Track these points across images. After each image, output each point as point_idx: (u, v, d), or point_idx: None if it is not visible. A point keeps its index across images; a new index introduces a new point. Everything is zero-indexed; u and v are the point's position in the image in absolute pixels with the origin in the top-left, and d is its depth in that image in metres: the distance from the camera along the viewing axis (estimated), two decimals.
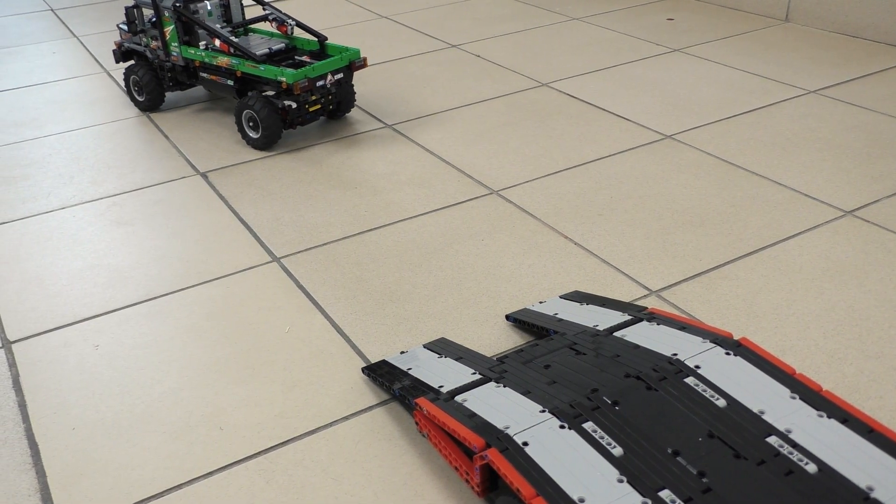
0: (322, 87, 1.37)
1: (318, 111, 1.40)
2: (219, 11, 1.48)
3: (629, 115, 1.48)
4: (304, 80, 1.32)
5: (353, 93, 1.47)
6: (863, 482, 0.59)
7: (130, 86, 1.60)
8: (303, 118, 1.38)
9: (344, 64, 1.40)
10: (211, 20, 1.46)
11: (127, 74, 1.58)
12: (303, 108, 1.37)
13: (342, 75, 1.40)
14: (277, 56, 1.43)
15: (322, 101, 1.39)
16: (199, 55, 1.43)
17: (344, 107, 1.48)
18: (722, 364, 0.72)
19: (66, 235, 1.18)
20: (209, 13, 1.46)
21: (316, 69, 1.34)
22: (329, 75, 1.37)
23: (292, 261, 1.09)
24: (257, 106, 1.35)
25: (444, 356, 0.85)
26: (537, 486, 0.60)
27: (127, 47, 1.58)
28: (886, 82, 1.55)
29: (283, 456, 0.78)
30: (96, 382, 0.89)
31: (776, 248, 1.05)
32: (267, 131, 1.37)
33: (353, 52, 1.40)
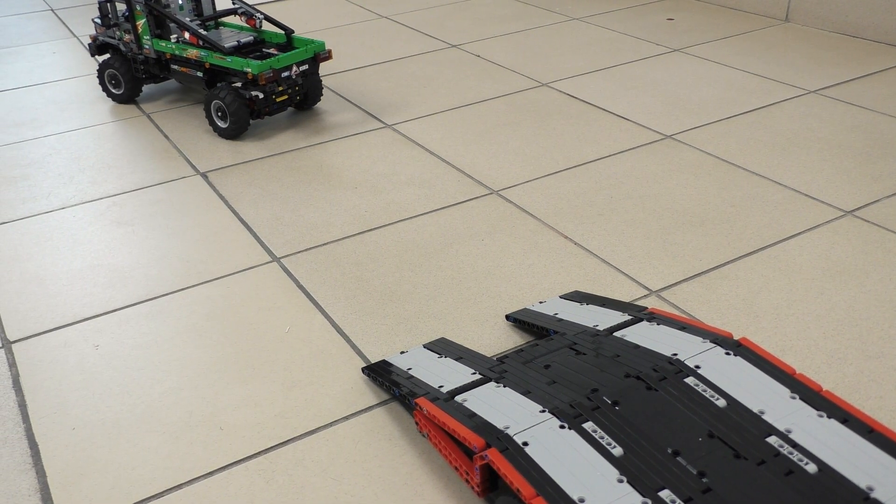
0: (287, 79, 1.41)
1: (286, 101, 1.44)
2: (190, 6, 1.52)
3: (629, 115, 1.48)
4: (269, 71, 1.36)
5: (320, 84, 1.51)
6: (863, 482, 0.59)
7: (105, 79, 1.63)
8: (270, 108, 1.42)
9: (309, 56, 1.44)
10: (182, 14, 1.51)
11: (102, 68, 1.61)
12: (270, 99, 1.40)
13: (307, 67, 1.44)
14: (245, 48, 1.47)
15: (289, 91, 1.43)
16: (170, 48, 1.48)
17: (312, 98, 1.52)
18: (722, 364, 0.72)
19: (66, 235, 1.18)
20: (180, 7, 1.51)
21: (281, 60, 1.38)
22: (294, 66, 1.41)
23: (292, 261, 1.09)
24: (225, 97, 1.39)
25: (444, 356, 0.85)
26: (537, 486, 0.60)
27: (102, 41, 1.61)
28: (886, 82, 1.55)
29: (283, 456, 0.78)
30: (96, 382, 0.89)
31: (776, 248, 1.05)
32: (235, 121, 1.41)
33: (318, 44, 1.45)
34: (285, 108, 1.45)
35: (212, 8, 1.56)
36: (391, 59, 1.85)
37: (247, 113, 1.41)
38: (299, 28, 2.13)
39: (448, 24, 2.09)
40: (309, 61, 1.44)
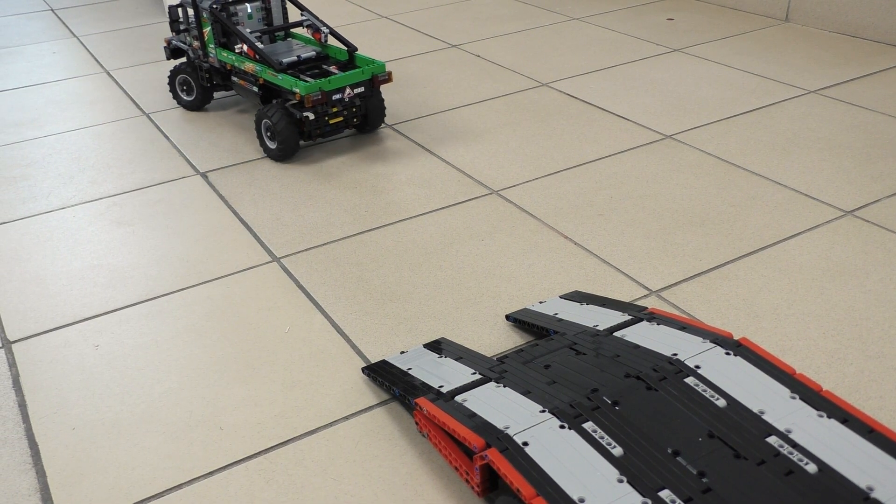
0: (340, 101, 1.31)
1: (340, 124, 1.34)
2: (259, 14, 1.44)
3: (629, 115, 1.48)
4: (317, 93, 1.27)
5: (382, 107, 1.41)
6: (863, 482, 0.59)
7: (176, 85, 1.58)
8: (322, 130, 1.33)
9: (365, 77, 1.33)
10: (251, 23, 1.43)
11: (173, 74, 1.57)
12: (322, 120, 1.31)
13: (363, 89, 1.34)
14: (305, 64, 1.39)
15: (344, 113, 1.34)
16: (230, 58, 1.41)
17: (372, 121, 1.41)
18: (722, 364, 0.72)
19: (66, 235, 1.18)
20: (249, 16, 1.42)
21: (332, 82, 1.29)
22: (348, 89, 1.31)
23: (292, 261, 1.09)
24: (274, 115, 1.31)
25: (444, 356, 0.85)
26: (537, 486, 0.60)
27: (175, 45, 1.56)
28: (886, 82, 1.55)
29: (283, 456, 0.78)
30: (96, 382, 0.89)
31: (776, 248, 1.05)
32: (282, 142, 1.32)
33: (378, 65, 1.34)
34: (340, 130, 1.36)
35: (282, 18, 1.47)
36: (391, 59, 1.85)
37: (296, 135, 1.32)
38: None
39: (448, 24, 2.09)
40: (366, 83, 1.34)
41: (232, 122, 1.55)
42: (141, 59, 1.96)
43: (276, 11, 1.45)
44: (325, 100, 1.28)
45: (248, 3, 1.41)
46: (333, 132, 1.35)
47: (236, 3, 1.40)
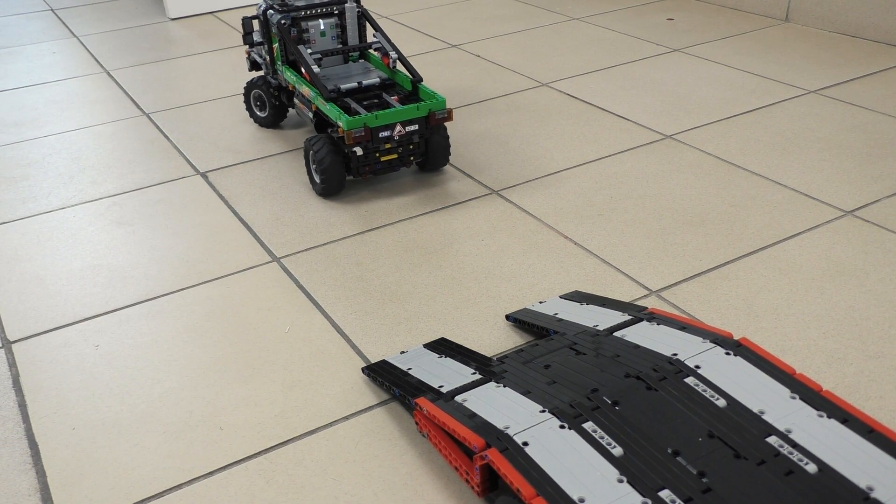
0: (387, 139, 1.15)
1: (394, 162, 1.20)
2: (333, 32, 1.30)
3: (629, 115, 1.48)
4: (359, 130, 1.13)
5: (446, 146, 1.25)
6: (863, 482, 0.59)
7: (251, 99, 1.49)
8: (372, 168, 1.19)
9: (420, 115, 1.17)
10: (323, 41, 1.30)
11: (248, 87, 1.47)
12: (372, 157, 1.17)
13: (417, 127, 1.17)
14: (365, 92, 1.26)
15: (399, 150, 1.19)
16: (292, 79, 1.30)
17: (433, 160, 1.26)
18: (722, 364, 0.72)
19: (66, 235, 1.18)
20: (322, 33, 1.29)
21: (380, 117, 1.14)
22: (398, 126, 1.15)
23: (292, 261, 1.09)
24: (319, 149, 1.18)
25: (444, 356, 0.85)
26: (537, 486, 0.60)
27: (253, 57, 1.47)
28: (886, 82, 1.55)
29: (283, 456, 0.78)
30: (96, 382, 0.89)
31: (776, 248, 1.05)
32: (325, 179, 1.19)
33: (437, 101, 1.18)
34: (395, 168, 1.21)
35: (358, 37, 1.32)
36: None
37: (342, 171, 1.19)
38: None
39: (448, 24, 2.09)
40: (420, 121, 1.17)
41: (232, 123, 1.55)
42: (141, 59, 1.96)
43: (352, 29, 1.31)
44: (368, 137, 1.13)
45: (321, 20, 1.28)
46: (386, 170, 1.21)
47: (308, 19, 1.28)
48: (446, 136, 1.25)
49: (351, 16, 1.29)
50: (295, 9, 1.26)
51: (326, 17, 1.29)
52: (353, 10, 1.28)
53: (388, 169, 1.20)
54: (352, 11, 1.28)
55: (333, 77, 1.28)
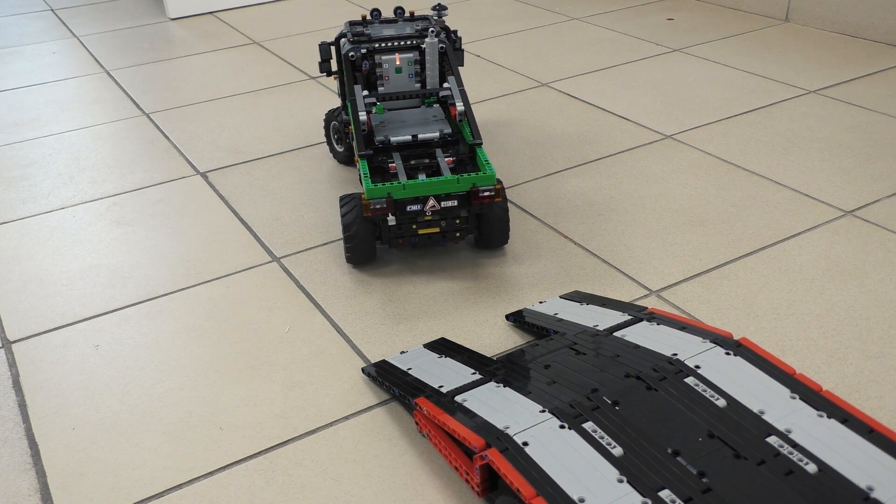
0: (417, 214, 0.98)
1: (435, 236, 1.00)
2: (411, 69, 1.11)
3: (629, 115, 1.48)
4: (380, 202, 0.95)
5: (503, 221, 1.03)
6: (863, 482, 0.59)
7: (330, 131, 1.34)
8: (404, 239, 1.00)
9: (461, 189, 0.97)
10: (398, 78, 1.11)
11: (327, 118, 1.32)
12: (407, 228, 0.99)
13: (456, 203, 0.98)
14: (420, 147, 1.07)
15: (442, 224, 1.00)
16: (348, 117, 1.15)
17: (487, 237, 1.04)
18: (722, 364, 0.72)
19: (66, 235, 1.18)
20: (397, 69, 1.11)
21: (408, 188, 0.96)
22: (431, 200, 0.97)
23: (292, 261, 1.09)
24: (346, 210, 1.01)
25: (444, 356, 0.85)
26: (537, 486, 0.60)
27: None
28: (886, 82, 1.55)
29: (283, 456, 0.78)
30: (96, 382, 0.89)
31: (776, 248, 1.05)
32: (351, 246, 1.02)
33: (485, 176, 0.97)
34: (437, 243, 1.02)
35: (438, 79, 1.12)
36: None
37: (371, 240, 1.02)
38: (297, 27, 2.13)
39: (448, 24, 2.09)
40: (460, 197, 0.98)
41: (232, 123, 1.55)
42: (141, 59, 1.96)
43: (432, 69, 1.11)
44: (391, 211, 0.96)
45: (397, 55, 1.10)
46: (426, 244, 1.02)
47: (383, 52, 1.10)
48: (505, 210, 1.02)
49: (431, 53, 1.10)
50: (370, 40, 1.10)
51: (404, 51, 1.10)
52: (434, 46, 1.09)
53: (429, 243, 1.01)
54: (432, 48, 1.09)
55: (392, 124, 1.11)
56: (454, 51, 1.16)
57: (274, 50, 1.97)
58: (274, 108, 1.61)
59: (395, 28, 1.13)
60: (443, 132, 1.07)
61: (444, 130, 1.08)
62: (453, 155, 1.05)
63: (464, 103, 1.06)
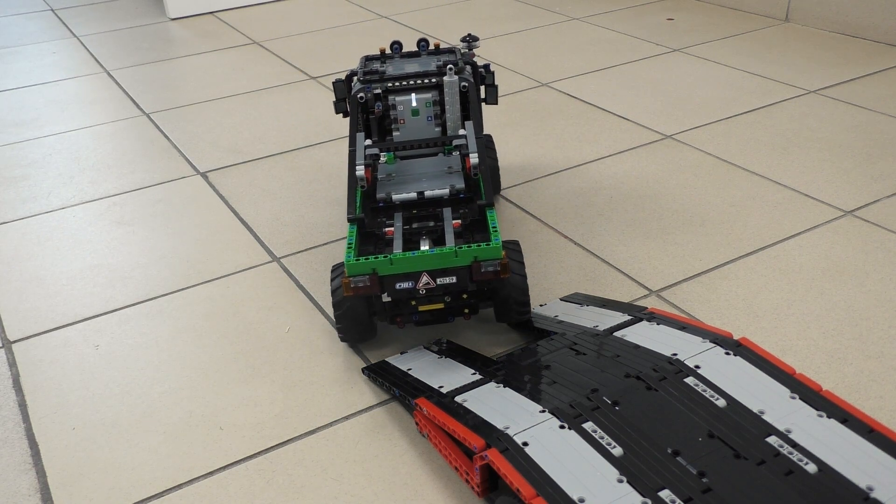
0: (409, 293, 0.83)
1: (440, 314, 0.87)
2: (429, 111, 0.98)
3: (629, 115, 1.48)
4: (362, 279, 0.80)
5: (519, 291, 0.85)
6: (863, 482, 0.59)
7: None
8: (403, 317, 0.87)
9: (459, 264, 0.81)
10: (415, 122, 0.98)
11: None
12: (405, 305, 0.86)
13: (455, 280, 0.82)
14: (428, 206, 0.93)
15: (446, 300, 0.85)
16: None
17: (504, 310, 0.88)
18: (722, 364, 0.72)
19: (66, 235, 1.18)
20: (414, 111, 0.97)
21: (396, 263, 0.81)
22: (424, 277, 0.82)
23: (292, 261, 1.09)
24: (336, 283, 0.87)
25: (444, 356, 0.85)
26: (537, 486, 0.60)
27: None
28: (886, 82, 1.55)
29: (283, 456, 0.78)
30: (96, 382, 0.89)
31: (776, 248, 1.05)
32: (342, 326, 0.88)
33: (489, 248, 0.81)
34: (444, 320, 0.88)
35: (460, 121, 0.99)
36: None
37: (364, 317, 0.87)
38: (297, 27, 2.13)
39: (448, 24, 2.09)
40: (460, 273, 0.82)
41: (232, 123, 1.55)
42: (141, 59, 1.96)
43: (452, 111, 0.98)
44: (374, 290, 0.81)
45: (413, 94, 0.97)
46: (429, 321, 0.88)
47: (397, 92, 0.97)
48: (522, 277, 0.86)
49: (451, 92, 0.96)
50: (382, 79, 0.97)
51: (422, 90, 0.97)
52: (453, 85, 0.96)
53: (435, 320, 0.88)
54: (452, 87, 0.96)
55: (401, 177, 0.97)
56: (488, 87, 1.05)
57: (274, 50, 1.97)
58: (274, 108, 1.61)
59: (416, 63, 1.00)
60: (454, 188, 0.92)
61: (457, 186, 0.93)
62: (463, 217, 0.91)
63: (480, 154, 0.88)
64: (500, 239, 0.83)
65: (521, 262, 0.86)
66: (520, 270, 0.85)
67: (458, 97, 0.97)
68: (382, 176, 0.97)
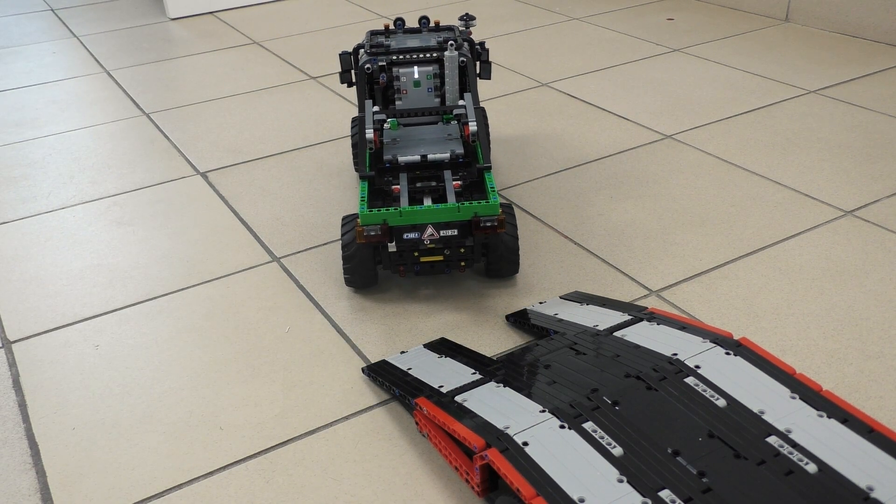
0: (414, 243, 0.92)
1: (439, 264, 0.96)
2: (431, 83, 1.06)
3: (629, 115, 1.48)
4: (374, 228, 0.90)
5: (510, 250, 0.97)
6: (863, 482, 0.59)
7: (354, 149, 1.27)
8: (406, 266, 0.96)
9: (461, 218, 0.91)
10: (417, 92, 1.07)
11: (352, 134, 1.26)
12: (408, 256, 0.95)
13: (456, 233, 0.92)
14: (430, 168, 1.00)
15: (445, 252, 0.95)
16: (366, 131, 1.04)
17: (496, 266, 0.99)
18: (722, 364, 0.72)
19: (66, 235, 1.18)
20: (416, 83, 1.06)
21: (405, 215, 0.90)
22: (429, 228, 0.91)
23: (292, 261, 1.09)
24: (346, 229, 0.97)
25: (444, 356, 0.85)
26: (537, 486, 0.60)
27: None
28: (886, 82, 1.55)
29: (283, 456, 0.78)
30: (96, 382, 0.89)
31: (776, 248, 1.05)
32: (350, 268, 0.97)
33: (487, 205, 0.91)
34: (441, 271, 0.96)
35: (458, 94, 1.07)
36: None
37: (371, 266, 0.97)
38: (297, 27, 2.13)
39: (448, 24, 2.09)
40: (461, 226, 0.92)
41: (232, 123, 1.55)
42: (141, 59, 1.96)
43: (451, 84, 1.06)
44: (386, 239, 0.91)
45: (416, 67, 1.06)
46: (429, 272, 0.97)
47: (402, 65, 1.06)
48: (514, 238, 0.97)
49: (451, 67, 1.04)
50: (388, 52, 1.05)
51: (424, 64, 1.06)
52: (453, 59, 1.04)
53: (432, 272, 0.96)
54: (452, 62, 1.04)
55: (405, 141, 1.04)
56: (483, 63, 1.13)
57: (274, 50, 1.97)
58: (274, 108, 1.61)
59: (418, 39, 1.09)
60: (454, 153, 1.00)
61: (456, 151, 1.00)
62: (463, 178, 0.98)
63: (477, 123, 0.97)
64: (497, 198, 0.92)
65: (514, 223, 0.98)
66: (511, 231, 0.97)
67: (458, 71, 1.05)
68: (388, 140, 1.04)
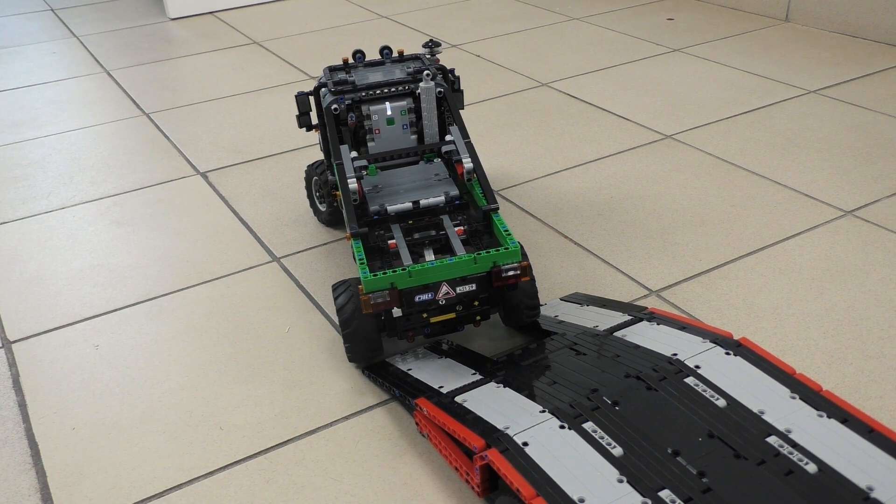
0: (427, 304, 0.79)
1: (451, 323, 0.83)
2: (406, 119, 0.95)
3: (629, 115, 1.48)
4: (381, 294, 0.77)
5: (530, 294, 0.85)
6: (863, 482, 0.59)
7: (311, 186, 1.16)
8: (415, 330, 0.82)
9: (479, 270, 0.79)
10: (390, 131, 0.95)
11: (308, 172, 1.15)
12: (416, 318, 0.81)
13: (474, 288, 0.79)
14: (424, 215, 0.88)
15: (458, 309, 0.81)
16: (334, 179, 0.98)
17: (511, 315, 0.88)
18: (722, 364, 0.72)
19: (66, 235, 1.18)
20: (389, 120, 0.95)
21: (415, 275, 0.77)
22: (444, 286, 0.79)
23: (292, 261, 1.09)
24: (342, 301, 0.84)
25: (444, 356, 0.85)
26: (537, 486, 0.60)
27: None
28: (886, 82, 1.55)
29: (283, 456, 0.78)
30: (96, 382, 0.89)
31: (776, 248, 1.05)
32: (350, 345, 0.85)
33: (506, 252, 0.79)
34: (453, 329, 0.84)
35: (438, 129, 0.96)
36: None
37: (374, 335, 0.84)
38: (297, 27, 2.13)
39: (448, 24, 2.09)
40: (480, 280, 0.79)
41: (232, 123, 1.55)
42: (141, 59, 1.96)
43: (429, 117, 0.95)
44: (396, 304, 0.78)
45: (387, 103, 0.94)
46: (440, 332, 0.84)
47: (371, 102, 0.94)
48: (532, 283, 0.86)
49: (428, 99, 0.93)
50: (355, 89, 0.94)
51: (396, 98, 0.95)
52: (430, 91, 0.93)
53: (444, 331, 0.84)
54: (429, 93, 0.93)
55: (388, 187, 0.92)
56: (454, 92, 1.01)
57: (274, 50, 1.97)
58: (274, 108, 1.61)
59: (382, 72, 0.98)
60: (449, 195, 0.88)
61: (451, 193, 0.89)
62: (464, 223, 0.87)
63: (472, 159, 0.88)
64: (516, 242, 0.80)
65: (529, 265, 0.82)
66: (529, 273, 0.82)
67: (436, 103, 0.94)
68: (368, 188, 0.92)
